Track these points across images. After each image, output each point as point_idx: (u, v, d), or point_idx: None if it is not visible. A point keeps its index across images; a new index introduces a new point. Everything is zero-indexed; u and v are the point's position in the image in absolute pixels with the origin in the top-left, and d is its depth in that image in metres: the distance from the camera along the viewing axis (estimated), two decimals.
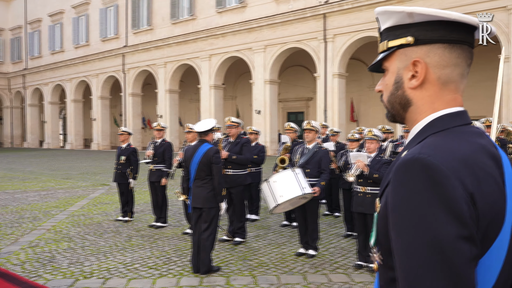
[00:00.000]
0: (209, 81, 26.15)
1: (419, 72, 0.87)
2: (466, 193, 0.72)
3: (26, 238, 5.60)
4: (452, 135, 0.82)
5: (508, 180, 0.80)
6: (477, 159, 0.78)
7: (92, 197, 9.31)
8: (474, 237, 0.71)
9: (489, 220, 0.74)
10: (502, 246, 0.76)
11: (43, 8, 36.33)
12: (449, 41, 0.85)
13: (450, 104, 0.87)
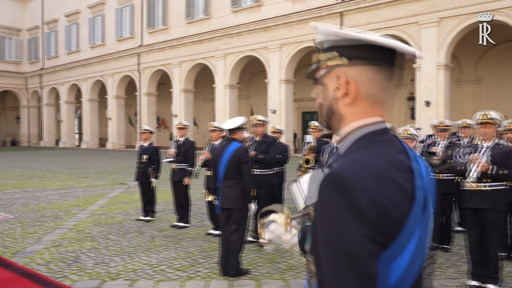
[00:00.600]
0: (224, 80, 26.08)
1: (350, 90, 0.96)
2: (372, 201, 0.82)
3: (49, 237, 5.54)
4: (373, 151, 0.92)
5: (418, 191, 0.90)
6: (390, 172, 0.88)
7: (111, 196, 9.27)
8: (378, 240, 0.82)
9: (393, 223, 0.85)
10: (410, 251, 0.88)
11: (60, 9, 36.71)
12: (378, 63, 0.95)
13: (376, 120, 0.96)
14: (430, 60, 17.76)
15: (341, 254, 0.81)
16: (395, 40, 0.94)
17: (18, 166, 17.02)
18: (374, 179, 0.85)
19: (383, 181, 0.86)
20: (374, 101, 0.97)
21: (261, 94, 32.60)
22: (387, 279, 0.84)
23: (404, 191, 0.88)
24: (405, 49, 0.96)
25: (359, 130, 0.96)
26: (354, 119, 0.97)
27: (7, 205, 8.21)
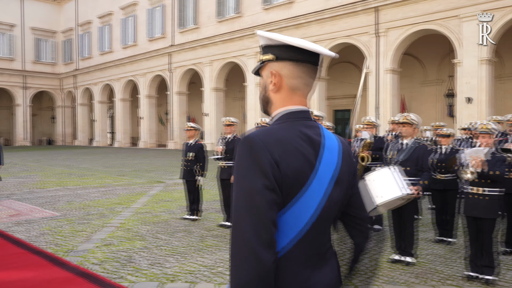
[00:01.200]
0: (255, 78, 25.90)
1: (276, 81, 1.22)
2: (273, 160, 1.08)
3: (98, 236, 5.47)
4: (284, 125, 1.18)
5: (324, 160, 1.17)
6: (292, 141, 1.13)
7: (151, 194, 9.22)
8: (275, 188, 1.07)
9: (293, 181, 1.10)
10: (309, 202, 1.12)
11: (93, 10, 37.47)
12: (296, 60, 1.21)
13: (296, 104, 1.22)
14: (472, 55, 17.01)
15: (245, 197, 1.07)
16: (314, 44, 1.21)
17: (56, 165, 17.37)
18: (277, 144, 1.11)
19: (286, 148, 1.11)
20: (295, 90, 1.23)
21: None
22: (281, 223, 1.10)
23: (305, 159, 1.14)
24: (321, 51, 1.26)
25: (281, 112, 1.22)
26: (280, 105, 1.23)
27: (51, 202, 8.27)
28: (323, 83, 23.49)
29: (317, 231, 1.17)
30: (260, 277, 1.04)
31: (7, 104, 40.73)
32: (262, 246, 1.04)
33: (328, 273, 1.23)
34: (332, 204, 1.19)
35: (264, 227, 1.05)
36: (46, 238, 5.38)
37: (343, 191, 1.23)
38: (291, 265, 1.13)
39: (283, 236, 1.11)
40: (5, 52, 37.75)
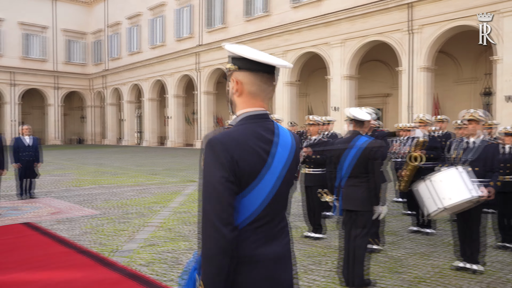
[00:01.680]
0: (283, 78, 25.67)
1: (237, 87, 1.46)
2: (231, 158, 1.33)
3: (141, 235, 5.36)
4: (242, 127, 1.41)
5: (277, 156, 1.41)
6: (249, 141, 1.37)
7: (186, 194, 9.13)
8: (232, 180, 1.33)
9: (247, 174, 1.36)
10: (262, 189, 1.39)
11: (122, 12, 38.02)
12: (254, 70, 1.43)
13: (255, 107, 1.45)
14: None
15: (209, 186, 1.35)
16: (268, 57, 1.42)
17: (89, 163, 17.60)
18: (235, 144, 1.35)
19: (242, 147, 1.36)
20: (254, 96, 1.46)
21: (319, 92, 31.84)
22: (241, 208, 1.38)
23: (259, 156, 1.39)
24: (275, 63, 1.45)
25: (242, 114, 1.46)
26: (241, 107, 1.47)
27: (89, 200, 8.28)
28: (353, 81, 23.02)
29: (268, 213, 1.43)
30: (223, 249, 1.32)
31: (40, 104, 41.83)
32: (222, 224, 1.32)
33: (277, 246, 1.46)
34: (281, 191, 1.45)
35: (223, 209, 1.33)
36: (89, 237, 5.32)
37: (287, 184, 1.49)
38: (245, 237, 1.40)
39: (241, 216, 1.39)
40: (38, 53, 38.76)
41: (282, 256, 1.47)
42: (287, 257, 1.50)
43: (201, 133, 31.62)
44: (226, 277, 1.34)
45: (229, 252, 1.33)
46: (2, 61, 36.69)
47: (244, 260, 1.39)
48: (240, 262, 1.38)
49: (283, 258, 1.48)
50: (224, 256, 1.32)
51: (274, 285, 1.45)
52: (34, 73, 38.35)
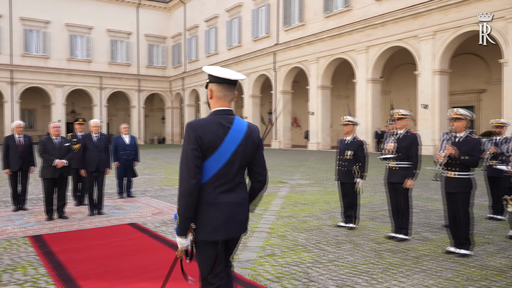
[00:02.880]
0: (365, 74, 24.42)
1: (210, 93, 2.23)
2: (197, 135, 2.10)
3: (254, 243, 4.89)
4: (209, 117, 2.18)
5: (229, 137, 2.14)
6: (210, 125, 2.13)
7: (282, 196, 8.61)
8: (198, 150, 2.09)
9: (209, 146, 2.10)
10: (219, 158, 2.13)
11: (200, 15, 38.90)
12: (217, 81, 2.20)
13: (220, 106, 2.22)
14: None
15: (184, 154, 2.10)
16: (226, 73, 2.19)
17: (173, 162, 17.89)
18: (201, 127, 2.12)
19: (206, 129, 2.12)
20: (220, 99, 2.22)
21: (403, 89, 29.99)
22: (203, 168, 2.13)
23: (217, 136, 2.13)
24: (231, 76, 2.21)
25: (213, 110, 2.23)
26: (213, 106, 2.24)
27: None
28: (445, 76, 21.18)
29: (224, 174, 2.17)
30: (189, 191, 2.11)
31: (124, 106, 44.21)
32: (190, 176, 2.11)
33: (233, 196, 2.20)
34: (234, 160, 2.18)
35: (190, 168, 2.12)
36: None
37: (244, 156, 2.22)
38: (209, 189, 2.16)
39: (206, 174, 2.16)
40: (123, 58, 40.95)
41: (238, 203, 2.20)
42: (242, 204, 2.23)
43: (278, 133, 31.21)
44: (191, 209, 2.12)
45: (194, 193, 2.11)
46: (92, 67, 39.25)
47: (209, 203, 2.14)
48: (207, 205, 2.14)
49: (238, 204, 2.20)
50: (190, 196, 2.11)
51: (231, 221, 2.17)
52: (119, 77, 40.57)
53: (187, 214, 2.11)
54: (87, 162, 6.55)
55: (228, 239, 2.20)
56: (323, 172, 13.51)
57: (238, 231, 2.22)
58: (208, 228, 2.13)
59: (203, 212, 2.13)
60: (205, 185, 2.14)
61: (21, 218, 6.43)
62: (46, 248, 4.66)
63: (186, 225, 2.12)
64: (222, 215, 2.14)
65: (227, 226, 2.15)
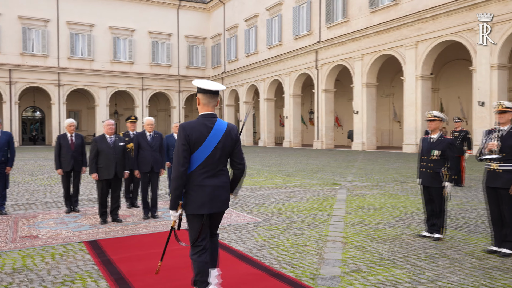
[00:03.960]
0: (414, 71, 23.21)
1: (198, 101, 2.94)
2: (186, 134, 2.80)
3: (331, 255, 4.31)
4: (197, 119, 2.89)
5: (211, 135, 2.83)
6: (197, 125, 2.84)
7: (342, 199, 7.97)
8: (186, 145, 2.80)
9: (195, 142, 2.81)
10: (204, 151, 2.82)
11: (240, 14, 38.64)
12: (203, 92, 2.90)
13: (205, 111, 2.92)
14: None
15: (176, 148, 2.82)
16: (208, 84, 2.87)
17: None
18: (190, 127, 2.81)
19: (193, 129, 2.81)
20: (205, 105, 2.90)
21: (453, 86, 28.43)
22: (192, 158, 2.82)
23: (201, 134, 2.81)
24: (212, 88, 2.88)
25: (200, 114, 2.90)
26: (200, 111, 2.93)
27: (239, 203, 7.61)
28: (505, 71, 19.69)
29: (208, 163, 2.81)
30: (178, 176, 2.75)
31: (165, 106, 44.71)
32: (180, 165, 2.76)
33: (215, 180, 2.85)
34: (216, 153, 2.82)
35: (181, 158, 2.77)
36: (269, 252, 4.43)
37: (224, 149, 2.86)
38: (196, 175, 2.81)
39: (193, 164, 2.81)
40: (164, 59, 41.37)
41: (219, 186, 2.86)
42: (224, 186, 2.90)
43: (320, 133, 30.37)
44: (180, 189, 2.80)
45: (182, 177, 2.78)
46: (134, 68, 39.89)
47: (196, 185, 2.82)
48: (195, 186, 2.82)
49: (220, 187, 2.87)
50: (179, 179, 2.78)
51: (214, 199, 2.84)
52: (160, 78, 41.02)
53: (177, 193, 2.79)
54: (141, 163, 6.18)
55: (211, 213, 2.87)
56: (377, 174, 12.71)
57: (220, 207, 2.89)
58: (196, 204, 2.81)
59: (192, 193, 2.81)
60: (193, 171, 2.79)
61: (75, 220, 6.16)
62: (104, 256, 4.28)
63: (176, 201, 2.82)
64: (207, 194, 2.79)
65: (211, 203, 2.82)
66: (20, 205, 7.62)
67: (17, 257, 4.33)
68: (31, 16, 35.36)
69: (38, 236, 5.20)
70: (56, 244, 4.82)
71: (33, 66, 35.48)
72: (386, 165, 15.69)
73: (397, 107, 32.32)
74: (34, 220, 6.21)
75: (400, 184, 10.30)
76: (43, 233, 5.36)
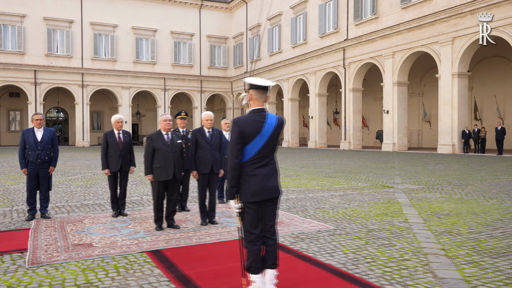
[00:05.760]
0: (451, 68, 22.21)
1: (250, 97, 3.05)
2: (239, 129, 2.93)
3: (445, 273, 3.61)
4: (250, 114, 3.00)
5: (264, 129, 2.95)
6: (249, 121, 2.96)
7: (406, 203, 7.24)
8: (239, 139, 2.93)
9: (248, 136, 2.93)
10: (256, 144, 2.95)
11: (262, 13, 38.03)
12: (254, 88, 3.01)
13: (257, 106, 3.02)
14: None
15: (230, 143, 2.98)
16: (259, 81, 3.00)
17: None
18: (243, 122, 2.95)
19: (246, 124, 2.94)
20: (257, 100, 3.02)
21: (488, 84, 27.26)
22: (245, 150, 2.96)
23: (255, 129, 2.94)
24: (264, 83, 3.01)
25: (251, 109, 3.02)
26: (251, 106, 3.03)
27: (298, 207, 6.97)
28: None
29: (260, 155, 2.95)
30: (233, 167, 2.92)
31: (186, 107, 44.39)
32: (234, 157, 2.93)
33: (265, 170, 2.98)
34: (267, 145, 2.97)
35: (235, 151, 2.93)
36: (371, 269, 3.76)
37: (273, 142, 3.00)
38: (248, 165, 2.95)
39: (246, 155, 2.94)
40: (186, 59, 41.07)
41: (269, 174, 2.99)
42: (272, 175, 3.02)
43: (348, 134, 29.52)
44: (236, 179, 2.94)
45: (237, 168, 2.93)
46: (156, 69, 39.67)
47: (249, 175, 2.95)
48: (247, 175, 2.95)
49: (269, 175, 2.99)
50: (234, 170, 2.93)
51: (264, 187, 2.96)
52: (182, 78, 40.72)
53: (232, 183, 2.95)
54: (199, 162, 5.58)
55: (263, 199, 2.99)
56: (424, 176, 11.91)
57: (271, 194, 3.01)
58: (249, 192, 2.95)
59: (245, 182, 2.96)
60: (245, 162, 2.96)
61: (126, 226, 5.59)
62: (177, 271, 3.67)
63: (232, 191, 2.97)
64: (258, 183, 2.95)
65: (263, 190, 2.96)
66: (61, 208, 7.12)
67: (76, 271, 3.76)
68: (56, 17, 35.45)
69: (92, 244, 4.64)
70: (115, 255, 4.24)
71: (57, 67, 35.54)
72: (428, 167, 14.84)
73: (427, 107, 31.25)
74: (82, 224, 5.67)
75: (458, 187, 9.50)
76: (96, 240, 4.81)
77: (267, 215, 3.03)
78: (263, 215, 3.01)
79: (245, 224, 3.00)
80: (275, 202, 3.06)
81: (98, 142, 41.27)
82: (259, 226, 2.99)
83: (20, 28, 34.31)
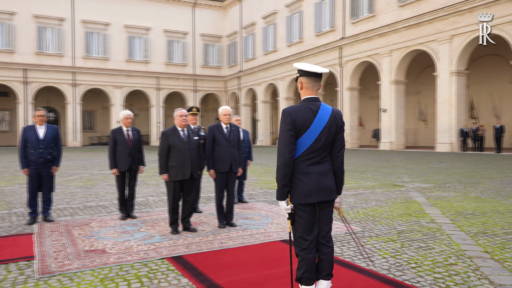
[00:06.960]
0: (449, 67, 22.11)
1: (300, 85, 2.70)
2: (292, 119, 2.57)
3: (504, 279, 3.32)
4: (302, 103, 2.64)
5: (317, 119, 2.59)
6: (302, 109, 2.60)
7: (426, 203, 6.98)
8: (292, 130, 2.57)
9: (301, 127, 2.58)
10: (309, 137, 2.58)
11: (257, 12, 37.71)
12: (306, 75, 2.65)
13: (308, 95, 2.66)
14: None
15: (281, 134, 2.59)
16: (313, 67, 2.62)
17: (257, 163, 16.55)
18: (295, 112, 2.59)
19: (298, 113, 2.58)
20: (308, 89, 2.66)
21: (484, 83, 27.26)
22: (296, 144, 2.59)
23: (307, 118, 2.58)
24: (317, 70, 2.64)
25: (303, 98, 2.66)
26: (303, 95, 2.68)
27: None
28: None
29: (313, 150, 2.61)
30: (285, 163, 2.56)
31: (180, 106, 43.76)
32: (286, 152, 2.56)
33: (320, 168, 2.64)
34: (321, 138, 2.61)
35: (287, 145, 2.57)
36: (420, 275, 3.44)
37: (329, 135, 2.64)
38: (301, 161, 2.60)
39: (298, 150, 2.60)
40: (179, 58, 40.58)
41: (324, 172, 2.64)
42: (327, 173, 2.66)
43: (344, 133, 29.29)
44: (287, 177, 2.59)
45: (289, 165, 2.58)
46: (149, 68, 39.12)
47: (301, 173, 2.60)
48: (300, 174, 2.60)
49: (324, 173, 2.64)
50: (287, 167, 2.57)
51: (320, 187, 2.61)
52: (176, 77, 40.21)
53: (284, 181, 2.60)
54: (217, 160, 5.22)
55: (318, 201, 2.63)
56: (431, 174, 11.69)
57: (327, 195, 2.66)
58: (302, 193, 2.60)
59: (297, 181, 2.61)
60: (297, 158, 2.61)
61: (138, 229, 5.21)
62: (208, 280, 3.32)
63: (284, 191, 2.62)
64: (313, 182, 2.60)
65: (318, 191, 2.61)
66: (63, 210, 6.71)
67: (94, 281, 3.38)
68: (47, 15, 34.72)
69: (106, 250, 4.26)
70: (133, 262, 3.87)
71: (48, 65, 34.81)
72: (432, 165, 14.64)
73: (423, 105, 31.19)
74: (89, 228, 5.28)
75: (470, 186, 9.28)
76: (109, 246, 4.43)
77: (322, 218, 2.68)
78: (318, 219, 2.66)
79: (297, 229, 2.65)
80: (331, 204, 2.71)
81: (90, 142, 40.56)
82: (314, 232, 2.65)
83: (9, 26, 33.52)
